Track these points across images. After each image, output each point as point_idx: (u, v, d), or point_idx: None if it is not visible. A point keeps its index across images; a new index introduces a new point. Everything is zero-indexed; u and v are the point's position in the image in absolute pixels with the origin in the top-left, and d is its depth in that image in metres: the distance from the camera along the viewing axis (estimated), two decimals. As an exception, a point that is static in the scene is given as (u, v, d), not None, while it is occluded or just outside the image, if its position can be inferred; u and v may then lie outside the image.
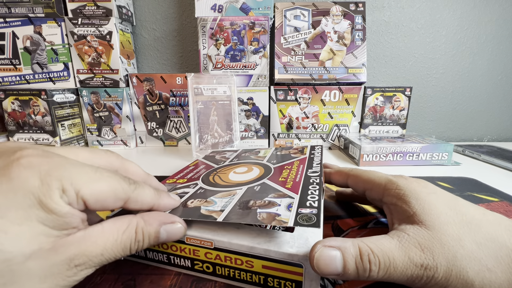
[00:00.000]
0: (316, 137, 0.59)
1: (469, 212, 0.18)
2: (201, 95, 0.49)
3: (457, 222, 0.17)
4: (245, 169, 0.31)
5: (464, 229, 0.16)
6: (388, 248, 0.16)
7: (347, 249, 0.16)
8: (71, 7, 0.54)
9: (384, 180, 0.22)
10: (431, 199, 0.18)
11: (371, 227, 0.26)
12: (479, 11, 0.64)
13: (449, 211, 0.17)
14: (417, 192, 0.19)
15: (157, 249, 0.21)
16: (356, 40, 0.57)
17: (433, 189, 0.20)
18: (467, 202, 0.19)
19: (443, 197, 0.19)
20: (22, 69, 0.56)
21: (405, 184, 0.20)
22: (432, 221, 0.17)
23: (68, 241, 0.15)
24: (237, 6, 0.55)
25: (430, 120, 0.71)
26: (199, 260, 0.20)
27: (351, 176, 0.26)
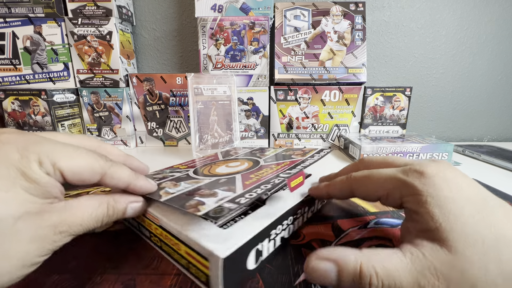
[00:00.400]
0: (316, 137, 0.59)
1: (498, 223, 0.15)
2: (201, 95, 0.49)
3: (485, 239, 0.14)
4: (237, 164, 0.32)
5: (491, 250, 0.14)
6: (395, 268, 0.14)
7: (346, 265, 0.15)
8: (71, 7, 0.54)
9: (398, 183, 0.18)
10: (457, 209, 0.15)
11: (371, 227, 0.26)
12: (479, 11, 0.64)
13: (478, 224, 0.15)
14: (441, 198, 0.16)
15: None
16: (356, 40, 0.57)
17: (459, 189, 0.16)
18: (496, 204, 0.16)
19: (472, 203, 0.16)
20: (22, 69, 0.56)
21: (425, 187, 0.16)
22: (456, 241, 0.14)
23: (52, 208, 0.16)
24: (237, 6, 0.55)
25: (430, 120, 0.71)
26: (152, 233, 0.23)
27: (355, 186, 0.21)
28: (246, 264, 0.19)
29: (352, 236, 0.25)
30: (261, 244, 0.20)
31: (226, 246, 0.17)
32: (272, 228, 0.21)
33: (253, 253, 0.19)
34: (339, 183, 0.22)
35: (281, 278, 0.20)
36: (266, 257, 0.21)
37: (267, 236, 0.21)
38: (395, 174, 0.18)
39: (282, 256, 0.22)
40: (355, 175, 0.21)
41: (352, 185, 0.21)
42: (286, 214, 0.23)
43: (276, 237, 0.22)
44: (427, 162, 0.18)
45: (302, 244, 0.24)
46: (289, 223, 0.24)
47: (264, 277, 0.20)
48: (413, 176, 0.17)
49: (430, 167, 0.17)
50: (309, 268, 0.15)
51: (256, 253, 0.20)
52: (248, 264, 0.19)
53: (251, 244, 0.19)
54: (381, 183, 0.19)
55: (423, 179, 0.17)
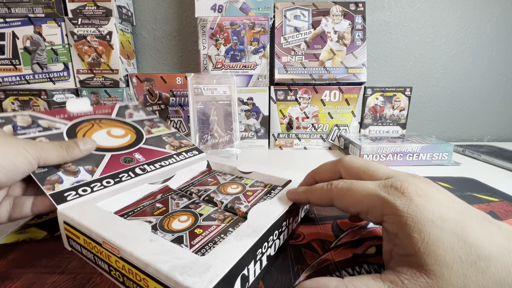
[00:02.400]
0: (316, 137, 0.59)
1: (477, 241, 0.15)
2: (201, 95, 0.49)
3: (463, 259, 0.14)
4: (120, 133, 0.35)
5: (471, 270, 0.14)
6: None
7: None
8: (71, 7, 0.54)
9: (378, 200, 0.18)
10: (436, 231, 0.15)
11: (371, 228, 0.26)
12: (479, 11, 0.64)
13: (456, 244, 0.15)
14: (420, 220, 0.16)
15: (85, 247, 0.21)
16: (356, 40, 0.57)
17: (437, 208, 0.16)
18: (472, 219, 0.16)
19: (450, 221, 0.16)
20: (22, 69, 0.56)
21: (406, 208, 0.16)
22: (434, 264, 0.15)
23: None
24: (237, 6, 0.55)
25: (430, 120, 0.71)
26: (112, 266, 0.19)
27: (334, 197, 0.20)
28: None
29: (352, 236, 0.25)
30: (246, 268, 0.18)
31: (207, 279, 0.15)
32: (258, 247, 0.19)
33: (238, 281, 0.17)
34: (319, 192, 0.22)
35: (281, 278, 0.20)
36: (253, 281, 0.19)
37: (253, 257, 0.19)
38: (376, 191, 0.18)
39: (282, 256, 0.22)
40: (335, 186, 0.21)
41: (333, 196, 0.21)
42: (271, 229, 0.21)
43: (262, 256, 0.20)
44: (408, 178, 0.18)
45: (302, 244, 0.24)
46: (275, 238, 0.22)
47: (264, 277, 0.20)
48: (394, 195, 0.17)
49: (410, 184, 0.17)
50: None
51: (241, 280, 0.18)
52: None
53: (236, 271, 0.17)
54: (361, 198, 0.19)
55: (404, 198, 0.17)
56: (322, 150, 0.59)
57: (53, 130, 0.30)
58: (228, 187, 0.30)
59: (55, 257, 0.22)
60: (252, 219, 0.21)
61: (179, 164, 0.34)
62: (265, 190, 0.29)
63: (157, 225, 0.22)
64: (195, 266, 0.16)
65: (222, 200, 0.27)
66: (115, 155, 0.30)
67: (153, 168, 0.32)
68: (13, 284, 0.19)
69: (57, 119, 0.31)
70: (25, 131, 0.28)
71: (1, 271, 0.21)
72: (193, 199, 0.27)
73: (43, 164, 0.24)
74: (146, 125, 0.39)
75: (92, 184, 0.26)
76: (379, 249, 0.23)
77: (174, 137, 0.39)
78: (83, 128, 0.32)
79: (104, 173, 0.28)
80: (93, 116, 0.35)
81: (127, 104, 0.41)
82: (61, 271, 0.21)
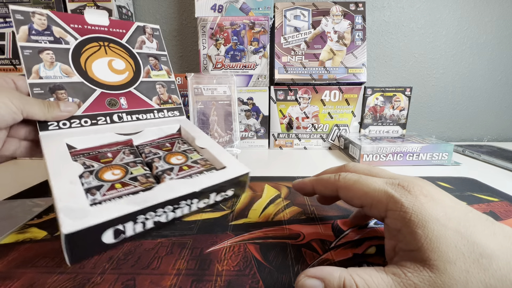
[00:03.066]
0: (316, 137, 0.59)
1: (481, 240, 0.15)
2: (201, 95, 0.49)
3: (466, 256, 0.15)
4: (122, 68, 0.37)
5: (473, 266, 0.14)
6: (376, 285, 0.15)
7: (331, 281, 0.16)
8: (71, 7, 0.54)
9: (385, 196, 0.18)
10: (440, 228, 0.16)
11: (372, 227, 0.26)
12: (479, 11, 0.64)
13: (459, 241, 0.15)
14: (425, 217, 0.16)
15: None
16: (356, 40, 0.57)
17: (442, 207, 0.17)
18: (476, 219, 0.16)
19: (453, 220, 0.16)
20: (22, 69, 0.55)
21: (411, 205, 0.17)
22: (437, 260, 0.15)
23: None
24: (237, 6, 0.55)
25: (430, 120, 0.71)
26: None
27: (341, 188, 0.21)
28: (102, 239, 0.22)
29: (352, 236, 0.25)
30: (122, 225, 0.23)
31: (75, 224, 0.20)
32: (140, 214, 0.23)
33: (110, 232, 0.22)
34: (326, 180, 0.22)
35: (281, 278, 0.20)
36: (137, 234, 0.24)
37: (131, 219, 0.23)
38: (384, 187, 0.19)
39: (282, 256, 0.22)
40: (343, 177, 0.21)
41: (339, 186, 0.21)
42: (163, 204, 0.25)
43: (146, 221, 0.24)
44: (413, 179, 0.19)
45: (302, 244, 0.24)
46: (167, 211, 0.25)
47: (264, 277, 0.20)
48: (400, 192, 0.18)
49: (416, 185, 0.18)
50: (298, 285, 0.16)
51: (115, 232, 0.22)
52: (104, 239, 0.22)
53: (105, 225, 0.21)
54: (367, 192, 0.19)
55: (410, 196, 0.17)
56: (322, 150, 0.59)
57: (62, 44, 0.32)
58: (174, 156, 0.32)
59: (55, 257, 0.22)
60: (156, 191, 0.25)
61: (154, 121, 0.37)
62: (201, 169, 0.31)
63: (94, 171, 0.27)
64: (78, 212, 0.21)
65: (158, 167, 0.30)
66: (104, 93, 0.34)
67: (129, 119, 0.35)
68: (13, 284, 0.19)
69: (70, 29, 0.33)
70: (37, 37, 0.31)
71: (1, 271, 0.21)
72: (138, 158, 0.31)
73: (25, 117, 0.27)
74: (149, 63, 0.39)
75: (72, 120, 0.31)
76: (379, 249, 0.23)
77: (167, 88, 0.40)
78: (88, 50, 0.34)
79: (87, 111, 0.32)
80: (104, 35, 0.36)
81: (145, 26, 0.40)
82: (61, 271, 0.21)
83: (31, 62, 0.31)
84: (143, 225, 0.24)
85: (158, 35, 0.41)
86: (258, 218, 0.28)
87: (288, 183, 0.38)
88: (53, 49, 0.31)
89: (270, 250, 0.23)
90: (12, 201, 0.32)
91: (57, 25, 0.32)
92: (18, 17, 0.30)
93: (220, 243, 0.24)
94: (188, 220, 0.28)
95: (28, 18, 0.31)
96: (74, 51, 0.33)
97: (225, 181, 0.29)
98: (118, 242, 0.23)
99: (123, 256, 0.22)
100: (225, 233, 0.26)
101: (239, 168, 0.31)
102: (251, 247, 0.23)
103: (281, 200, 0.33)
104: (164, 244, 0.24)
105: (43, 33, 0.31)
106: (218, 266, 0.21)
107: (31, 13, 0.31)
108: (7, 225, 0.27)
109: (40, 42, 0.31)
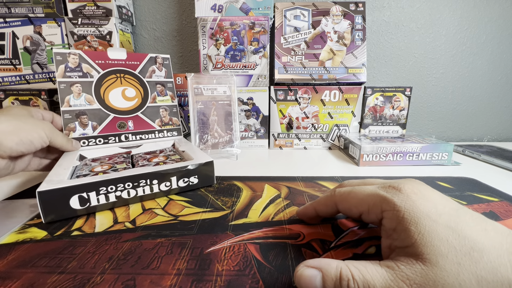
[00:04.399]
0: (316, 137, 0.59)
1: (471, 234, 0.16)
2: (201, 95, 0.49)
3: (458, 249, 0.15)
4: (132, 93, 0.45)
5: (465, 259, 0.15)
6: (371, 277, 0.16)
7: (328, 271, 0.17)
8: (71, 7, 0.54)
9: (378, 198, 0.19)
10: (431, 224, 0.16)
11: (372, 227, 0.26)
12: (479, 11, 0.64)
13: (450, 235, 0.16)
14: (416, 214, 0.17)
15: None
16: (356, 40, 0.57)
17: (432, 204, 0.18)
18: (467, 215, 0.17)
19: (444, 216, 0.17)
20: (22, 69, 0.56)
21: (403, 203, 0.18)
22: (430, 253, 0.15)
23: None
24: (237, 6, 0.55)
25: (430, 120, 0.71)
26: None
27: (338, 201, 0.23)
28: (70, 204, 0.27)
29: (352, 236, 0.25)
30: (86, 194, 0.28)
31: (47, 186, 0.27)
32: (102, 186, 0.29)
33: (75, 198, 0.28)
34: (324, 198, 0.24)
35: (281, 278, 0.20)
36: (102, 204, 0.29)
37: (94, 189, 0.28)
38: (376, 191, 0.20)
39: (282, 256, 0.22)
40: (338, 190, 0.23)
41: (336, 200, 0.23)
42: (121, 179, 0.30)
43: (109, 194, 0.29)
44: (403, 180, 0.20)
45: (302, 244, 0.24)
46: (128, 187, 0.30)
47: (264, 277, 0.20)
48: (392, 192, 0.19)
49: (406, 184, 0.19)
50: (297, 274, 0.17)
51: (80, 198, 0.28)
52: (71, 204, 0.28)
53: (70, 190, 0.27)
54: (362, 198, 0.21)
55: (401, 195, 0.18)
56: (322, 150, 0.59)
57: (88, 78, 0.41)
58: (156, 158, 0.39)
59: (55, 257, 0.22)
60: (120, 172, 0.31)
61: (155, 140, 0.45)
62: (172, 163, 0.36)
63: (89, 165, 0.35)
64: (55, 182, 0.28)
65: (140, 163, 0.36)
66: (116, 117, 0.43)
67: (134, 139, 0.44)
68: (13, 284, 0.19)
69: (95, 64, 0.41)
70: (70, 74, 0.40)
71: (1, 271, 0.21)
72: (128, 159, 0.38)
73: (51, 143, 0.34)
74: (156, 90, 0.46)
75: (90, 139, 0.41)
76: (379, 249, 0.23)
77: (169, 111, 0.47)
78: (107, 82, 0.42)
79: (101, 132, 0.41)
80: (122, 68, 0.43)
81: (157, 56, 0.47)
82: (61, 271, 0.21)
83: (64, 94, 0.39)
84: (105, 197, 0.29)
85: (167, 64, 0.48)
86: (258, 218, 0.28)
87: (288, 183, 0.38)
88: (81, 83, 0.40)
89: (270, 250, 0.23)
90: (12, 201, 0.32)
91: (85, 62, 0.41)
92: (58, 58, 0.39)
93: (220, 243, 0.24)
94: (188, 220, 0.28)
95: (65, 58, 0.39)
96: (96, 83, 0.41)
97: (184, 167, 0.34)
98: (84, 209, 0.28)
99: (123, 256, 0.22)
100: (225, 233, 0.26)
101: (202, 158, 0.36)
102: (251, 247, 0.23)
103: (281, 200, 0.33)
104: (164, 244, 0.24)
105: (75, 70, 0.40)
106: (218, 266, 0.21)
107: (67, 54, 0.39)
108: (7, 225, 0.27)
109: (72, 77, 0.40)
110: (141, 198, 0.32)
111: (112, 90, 0.42)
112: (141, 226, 0.27)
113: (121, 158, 0.38)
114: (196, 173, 0.35)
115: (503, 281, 0.14)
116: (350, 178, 0.40)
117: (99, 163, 0.36)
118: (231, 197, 0.33)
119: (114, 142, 0.42)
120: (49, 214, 0.27)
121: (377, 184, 0.21)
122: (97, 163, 0.36)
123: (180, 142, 0.45)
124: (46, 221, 0.27)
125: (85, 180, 0.28)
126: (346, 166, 0.47)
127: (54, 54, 0.39)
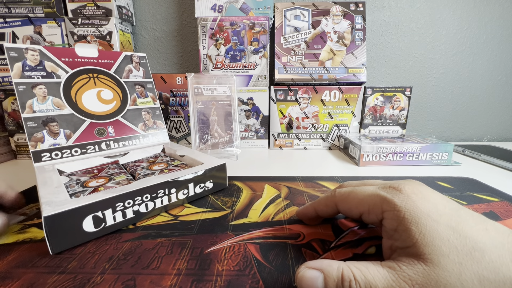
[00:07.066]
0: (316, 137, 0.59)
1: (472, 234, 0.16)
2: (201, 95, 0.49)
3: (459, 249, 0.15)
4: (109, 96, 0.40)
5: (466, 259, 0.15)
6: (373, 277, 0.16)
7: (330, 272, 0.16)
8: (71, 7, 0.54)
9: (378, 199, 0.19)
10: (432, 224, 0.16)
11: (372, 227, 0.26)
12: (479, 11, 0.64)
13: (451, 235, 0.16)
14: (417, 214, 0.17)
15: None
16: (356, 40, 0.57)
17: (433, 204, 0.17)
18: (468, 215, 0.17)
19: (445, 216, 0.17)
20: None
21: (403, 203, 0.18)
22: (431, 253, 0.15)
23: None
24: (237, 6, 0.55)
25: (430, 120, 0.71)
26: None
27: (338, 201, 0.23)
28: (82, 227, 0.23)
29: (352, 236, 0.25)
30: (101, 213, 0.24)
31: (54, 209, 0.22)
32: (119, 201, 0.25)
33: (89, 219, 0.23)
34: (324, 199, 0.24)
35: (281, 278, 0.20)
36: (118, 223, 0.25)
37: (110, 206, 0.24)
38: (376, 191, 0.20)
39: (282, 256, 0.22)
40: (339, 191, 0.23)
41: (337, 200, 0.23)
42: (139, 192, 0.26)
43: (126, 210, 0.26)
44: (403, 181, 0.20)
45: (302, 244, 0.24)
46: (146, 200, 0.27)
47: (264, 277, 0.20)
48: (392, 193, 0.19)
49: (407, 185, 0.19)
50: (299, 276, 0.17)
51: (94, 219, 0.24)
52: (84, 227, 0.23)
53: (83, 211, 0.23)
54: (362, 199, 0.21)
55: (401, 195, 0.18)
56: (322, 150, 0.59)
57: (53, 78, 0.35)
58: (156, 165, 0.36)
59: (55, 257, 0.22)
60: (134, 183, 0.27)
61: (140, 145, 0.41)
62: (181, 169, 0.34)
63: (79, 181, 0.30)
64: (59, 202, 0.23)
65: (140, 173, 0.33)
66: (93, 123, 0.37)
67: (117, 146, 0.38)
68: (13, 284, 0.19)
69: (61, 63, 0.35)
70: (30, 73, 0.33)
71: (1, 271, 0.21)
72: (123, 170, 0.34)
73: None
74: (136, 91, 0.42)
75: (64, 150, 0.34)
76: (379, 249, 0.23)
77: (152, 114, 0.43)
78: (78, 83, 0.36)
79: (77, 141, 0.35)
80: (94, 67, 0.38)
81: (132, 55, 0.43)
82: (61, 271, 0.21)
83: (25, 97, 0.33)
84: (122, 214, 0.25)
85: (144, 63, 0.44)
86: (258, 218, 0.28)
87: (288, 183, 0.38)
88: (45, 84, 0.34)
89: (270, 250, 0.23)
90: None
91: (49, 60, 0.34)
92: (12, 54, 0.32)
93: (220, 243, 0.24)
94: (188, 220, 0.28)
95: (21, 54, 0.33)
96: (65, 84, 0.35)
97: (200, 172, 0.32)
98: (99, 231, 0.24)
99: (123, 256, 0.22)
100: (225, 233, 0.26)
101: (214, 162, 0.34)
102: (251, 247, 0.23)
103: (281, 200, 0.33)
104: (164, 244, 0.24)
105: (36, 69, 0.33)
106: (218, 266, 0.21)
107: (24, 50, 0.33)
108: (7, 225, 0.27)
109: (33, 78, 0.33)
110: (160, 209, 0.29)
111: (85, 92, 0.37)
112: (141, 226, 0.27)
113: (115, 169, 0.34)
114: (211, 178, 0.33)
115: (505, 280, 0.14)
116: (350, 178, 0.40)
117: (89, 177, 0.31)
118: (231, 197, 0.33)
119: (94, 151, 0.36)
120: (58, 243, 0.22)
121: (377, 185, 0.21)
122: (87, 177, 0.32)
123: (173, 147, 0.42)
124: (54, 252, 0.22)
125: (99, 197, 0.24)
126: (346, 166, 0.47)
127: (6, 49, 0.32)
